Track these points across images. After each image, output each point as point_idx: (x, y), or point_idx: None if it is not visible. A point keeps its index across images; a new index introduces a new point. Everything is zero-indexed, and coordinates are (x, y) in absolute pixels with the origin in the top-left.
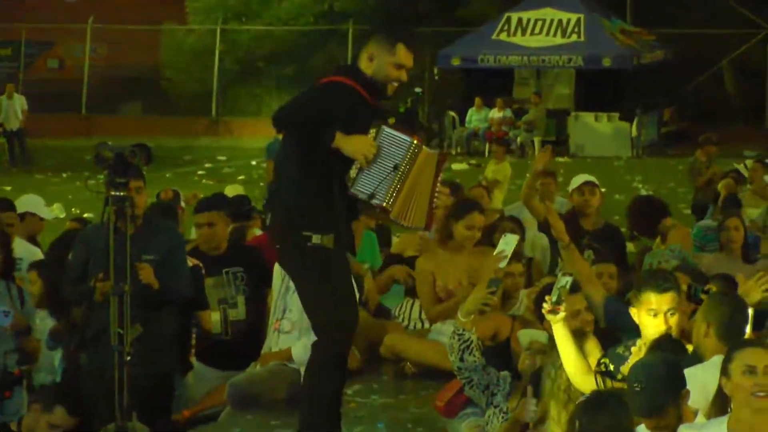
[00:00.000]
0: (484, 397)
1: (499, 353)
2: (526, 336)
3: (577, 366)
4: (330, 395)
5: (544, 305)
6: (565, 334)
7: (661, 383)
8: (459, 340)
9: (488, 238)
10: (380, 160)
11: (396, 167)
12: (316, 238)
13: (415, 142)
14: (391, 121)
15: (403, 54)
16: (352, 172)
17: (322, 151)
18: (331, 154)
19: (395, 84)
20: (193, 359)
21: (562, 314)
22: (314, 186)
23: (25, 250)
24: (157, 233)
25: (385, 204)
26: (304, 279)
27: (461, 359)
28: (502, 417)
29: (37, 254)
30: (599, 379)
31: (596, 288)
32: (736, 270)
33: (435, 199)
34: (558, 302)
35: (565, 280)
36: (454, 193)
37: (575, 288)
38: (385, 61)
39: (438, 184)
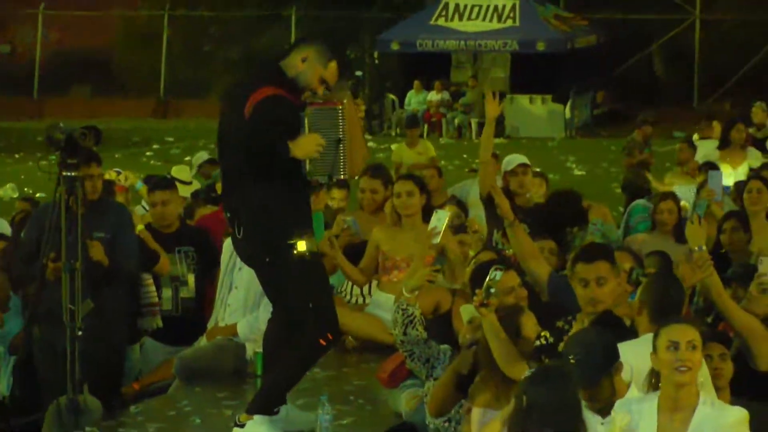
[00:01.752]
0: (424, 370)
1: (440, 327)
2: (467, 311)
3: (507, 356)
4: (294, 384)
5: (475, 298)
6: (494, 328)
7: (595, 356)
8: (403, 314)
9: None
10: (330, 139)
11: (339, 140)
12: (301, 245)
13: (339, 106)
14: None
15: (332, 72)
16: (307, 166)
17: (281, 165)
18: (286, 162)
19: (308, 93)
20: (160, 321)
21: (491, 308)
22: (283, 198)
23: None
24: (106, 212)
25: (343, 176)
26: (297, 283)
27: (404, 333)
28: None
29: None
30: (533, 365)
31: (540, 263)
32: (668, 250)
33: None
34: (487, 296)
35: (494, 274)
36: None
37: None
38: (314, 70)
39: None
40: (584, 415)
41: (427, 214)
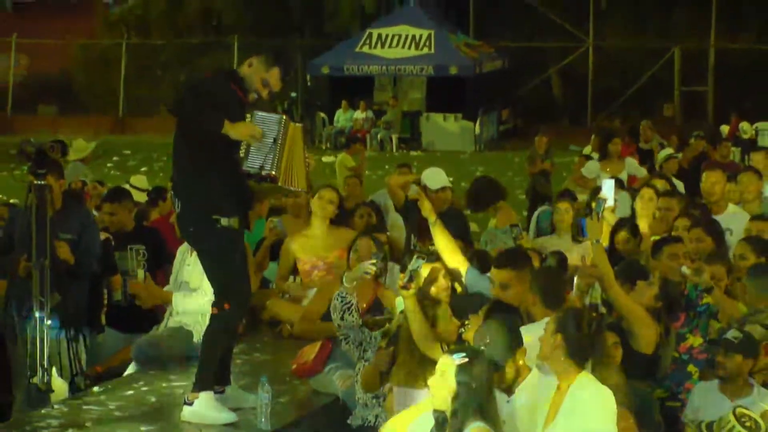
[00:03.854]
0: (357, 352)
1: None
2: (399, 302)
3: (423, 334)
4: (224, 354)
5: (398, 282)
6: (414, 308)
7: (501, 342)
8: (342, 301)
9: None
10: (267, 137)
11: (275, 140)
12: (224, 221)
13: (284, 117)
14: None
15: (275, 76)
16: (241, 153)
17: (214, 138)
18: (219, 141)
19: (254, 95)
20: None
21: (412, 291)
22: (214, 173)
23: None
24: (72, 216)
25: (273, 173)
26: (214, 259)
27: (342, 318)
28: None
29: None
30: (444, 346)
31: (459, 259)
32: (565, 248)
33: (306, 166)
34: (410, 280)
35: (417, 263)
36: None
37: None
38: (258, 73)
39: (305, 153)
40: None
41: (338, 220)
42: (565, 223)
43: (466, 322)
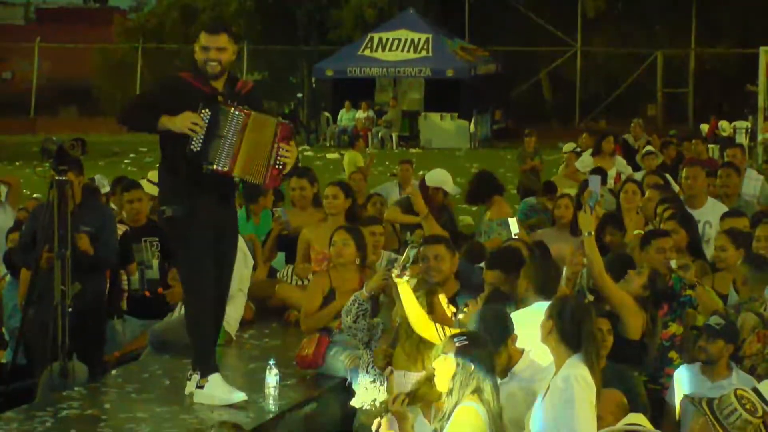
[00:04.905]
0: (362, 345)
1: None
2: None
3: (418, 318)
4: (198, 341)
5: (393, 270)
6: (409, 294)
7: (493, 330)
8: (358, 306)
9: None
10: (213, 132)
11: (222, 136)
12: (168, 211)
13: (235, 112)
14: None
15: (204, 38)
16: (194, 146)
17: (161, 135)
18: (164, 136)
19: (213, 64)
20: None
21: (406, 278)
22: (163, 166)
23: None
24: (92, 210)
25: (221, 168)
26: (172, 248)
27: (355, 321)
28: (369, 353)
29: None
30: (439, 327)
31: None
32: (564, 241)
33: (276, 161)
34: (404, 269)
35: (411, 253)
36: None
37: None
38: (197, 49)
39: (280, 147)
40: None
41: (350, 215)
42: (565, 219)
43: (465, 309)
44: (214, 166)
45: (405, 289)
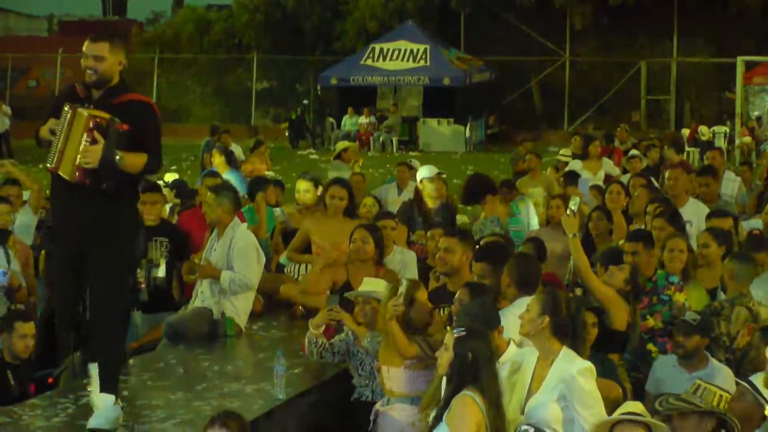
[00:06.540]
0: (349, 357)
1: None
2: (368, 282)
3: (402, 344)
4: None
5: (392, 301)
6: (397, 328)
7: (479, 322)
8: (316, 347)
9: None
10: (53, 132)
11: (54, 132)
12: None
13: (67, 108)
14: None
15: (84, 44)
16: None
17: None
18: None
19: (89, 72)
20: (146, 295)
21: (400, 309)
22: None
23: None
24: None
25: (50, 166)
26: None
27: (321, 357)
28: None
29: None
30: (422, 341)
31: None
32: (558, 240)
33: (81, 155)
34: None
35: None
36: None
37: None
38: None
39: (84, 142)
40: None
41: (350, 212)
42: (557, 218)
43: (445, 307)
44: (48, 164)
45: (394, 324)
